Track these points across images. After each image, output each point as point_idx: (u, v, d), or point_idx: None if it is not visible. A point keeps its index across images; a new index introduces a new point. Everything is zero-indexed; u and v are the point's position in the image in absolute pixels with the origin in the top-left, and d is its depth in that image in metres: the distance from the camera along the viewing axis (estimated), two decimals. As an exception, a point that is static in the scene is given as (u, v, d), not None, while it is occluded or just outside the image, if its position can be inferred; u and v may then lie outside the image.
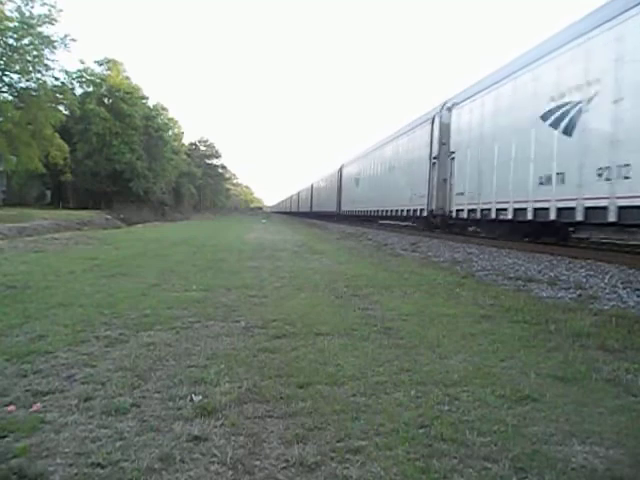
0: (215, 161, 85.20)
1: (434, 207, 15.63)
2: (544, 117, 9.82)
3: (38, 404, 2.32)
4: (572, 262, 8.24)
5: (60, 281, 5.75)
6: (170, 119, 59.66)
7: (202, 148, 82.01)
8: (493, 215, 11.81)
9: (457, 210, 13.94)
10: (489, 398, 2.52)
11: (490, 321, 4.30)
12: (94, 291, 5.18)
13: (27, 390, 2.49)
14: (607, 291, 5.87)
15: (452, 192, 14.34)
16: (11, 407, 2.28)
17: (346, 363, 3.02)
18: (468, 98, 13.65)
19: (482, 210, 12.35)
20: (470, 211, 13.09)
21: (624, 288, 5.98)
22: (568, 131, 9.10)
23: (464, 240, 13.00)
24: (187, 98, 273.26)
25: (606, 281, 6.45)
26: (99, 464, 1.82)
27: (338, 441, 2.04)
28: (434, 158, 15.72)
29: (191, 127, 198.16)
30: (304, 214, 53.38)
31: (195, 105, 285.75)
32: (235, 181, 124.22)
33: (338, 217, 33.11)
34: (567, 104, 9.13)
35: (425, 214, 16.47)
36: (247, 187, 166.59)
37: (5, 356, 2.96)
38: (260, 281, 6.26)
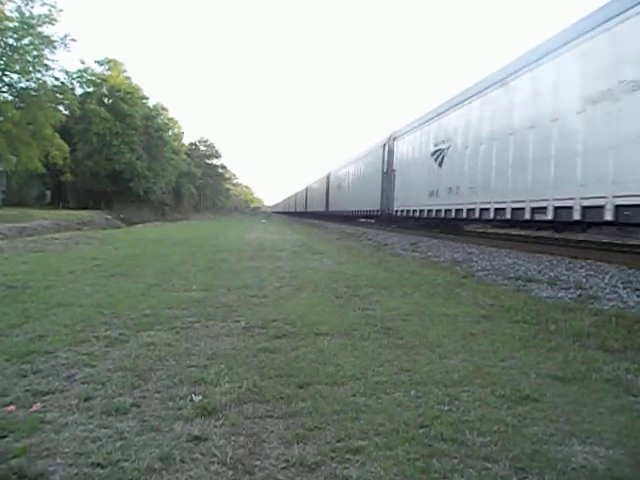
0: (215, 161, 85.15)
1: (384, 209, 21.37)
2: (432, 154, 15.79)
3: (38, 404, 2.32)
4: (572, 262, 8.24)
5: (60, 281, 5.75)
6: (170, 119, 59.54)
7: (202, 148, 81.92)
8: (411, 214, 17.92)
9: (395, 210, 19.93)
10: (489, 398, 2.52)
11: (490, 321, 4.30)
12: (94, 291, 5.18)
13: (27, 390, 2.48)
14: (607, 291, 5.87)
15: (393, 198, 20.13)
16: (11, 407, 2.28)
17: (346, 363, 3.02)
18: (402, 135, 19.79)
19: (407, 211, 18.40)
20: (401, 211, 19.20)
21: (624, 288, 5.97)
22: (441, 165, 15.05)
23: (464, 240, 13.32)
24: (187, 98, 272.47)
25: (606, 281, 6.45)
26: (99, 464, 1.82)
27: (338, 441, 2.04)
28: (384, 173, 21.72)
29: (191, 127, 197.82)
30: (301, 213, 56.89)
31: (195, 105, 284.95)
32: (235, 181, 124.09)
33: (326, 216, 38.81)
34: (440, 149, 15.13)
35: (379, 214, 22.57)
36: (247, 187, 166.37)
37: (5, 356, 2.96)
38: (260, 281, 6.26)
